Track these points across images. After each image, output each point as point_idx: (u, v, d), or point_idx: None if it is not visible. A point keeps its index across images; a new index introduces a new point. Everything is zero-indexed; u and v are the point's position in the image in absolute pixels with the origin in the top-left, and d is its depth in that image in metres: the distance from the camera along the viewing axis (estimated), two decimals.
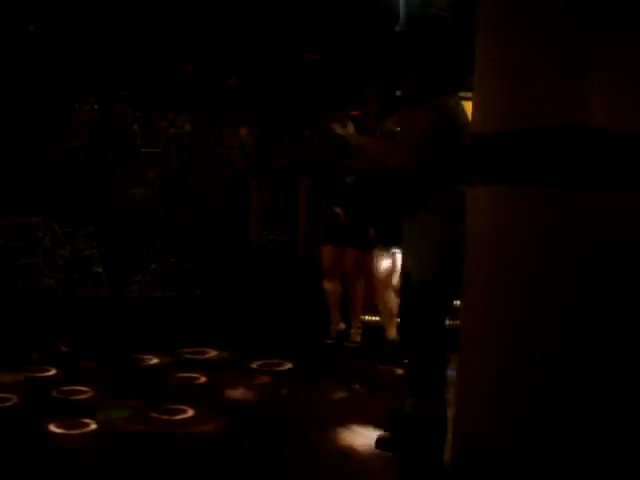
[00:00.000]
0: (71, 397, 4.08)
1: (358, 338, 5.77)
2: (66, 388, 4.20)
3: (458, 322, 2.87)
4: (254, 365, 5.02)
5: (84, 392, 4.16)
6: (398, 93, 4.56)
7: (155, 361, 5.02)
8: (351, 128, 3.80)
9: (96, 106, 7.56)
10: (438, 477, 3.09)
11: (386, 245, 5.16)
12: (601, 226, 2.41)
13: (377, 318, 5.84)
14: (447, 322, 3.44)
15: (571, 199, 2.38)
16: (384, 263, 5.20)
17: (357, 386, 4.59)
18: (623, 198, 2.47)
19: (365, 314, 5.99)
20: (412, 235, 3.32)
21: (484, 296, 2.66)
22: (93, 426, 3.58)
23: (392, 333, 5.19)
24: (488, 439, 2.60)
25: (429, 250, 3.18)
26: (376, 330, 5.71)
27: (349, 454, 3.36)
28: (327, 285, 5.82)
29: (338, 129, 3.87)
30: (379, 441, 3.40)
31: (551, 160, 2.43)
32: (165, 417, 3.76)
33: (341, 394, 4.45)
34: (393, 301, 5.08)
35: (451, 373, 3.49)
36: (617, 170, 2.46)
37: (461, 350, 2.76)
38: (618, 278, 2.46)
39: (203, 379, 4.58)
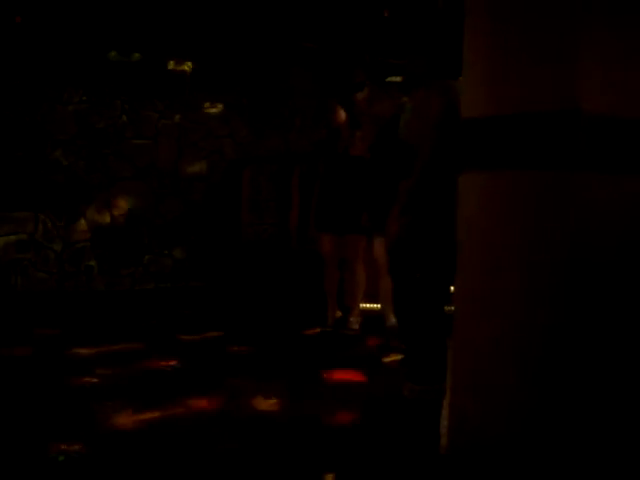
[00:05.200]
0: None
1: (356, 326, 5.74)
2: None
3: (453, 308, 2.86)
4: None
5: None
6: (390, 79, 4.54)
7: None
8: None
9: (84, 98, 7.51)
10: (435, 463, 3.09)
11: (382, 231, 5.13)
12: (596, 210, 2.39)
13: (376, 305, 5.83)
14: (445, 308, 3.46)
15: (564, 183, 2.36)
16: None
17: None
18: (620, 182, 2.45)
19: (365, 302, 5.97)
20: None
21: (477, 281, 2.65)
22: None
23: (392, 320, 5.17)
24: (485, 424, 2.59)
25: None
26: (374, 318, 5.71)
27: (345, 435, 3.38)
28: (326, 272, 5.80)
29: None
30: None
31: (543, 144, 2.40)
32: None
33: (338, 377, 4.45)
34: None
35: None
36: (614, 154, 2.44)
37: (455, 335, 2.75)
38: (614, 261, 2.44)
39: None
